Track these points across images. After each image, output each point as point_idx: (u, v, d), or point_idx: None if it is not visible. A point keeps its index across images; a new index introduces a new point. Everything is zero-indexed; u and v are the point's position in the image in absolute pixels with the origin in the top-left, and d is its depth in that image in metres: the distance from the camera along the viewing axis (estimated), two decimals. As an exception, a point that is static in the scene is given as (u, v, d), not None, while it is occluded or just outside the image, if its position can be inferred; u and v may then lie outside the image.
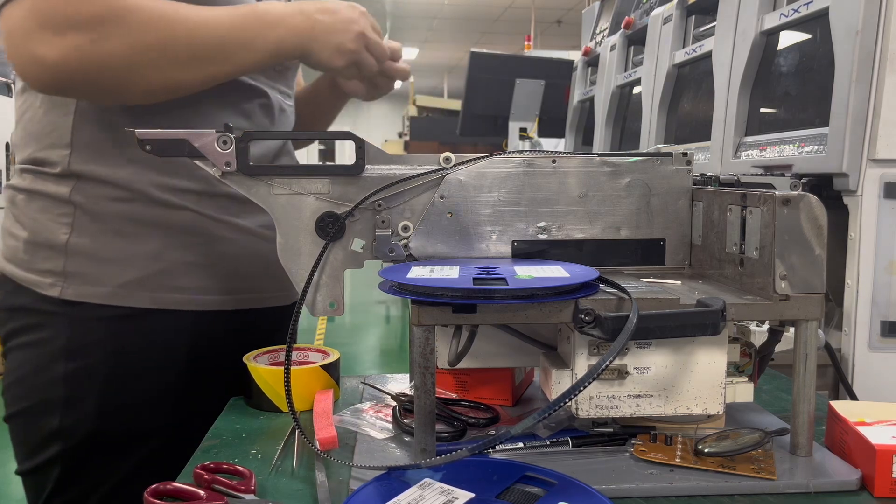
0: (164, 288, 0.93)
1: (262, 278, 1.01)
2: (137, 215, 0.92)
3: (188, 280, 0.94)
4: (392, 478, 0.63)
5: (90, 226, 0.91)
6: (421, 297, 0.65)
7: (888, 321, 1.52)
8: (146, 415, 0.94)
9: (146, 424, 0.94)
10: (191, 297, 0.95)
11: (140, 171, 0.91)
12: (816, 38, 1.71)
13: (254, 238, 0.99)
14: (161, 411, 0.94)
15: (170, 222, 0.93)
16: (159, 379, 0.94)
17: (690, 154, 0.83)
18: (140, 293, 0.92)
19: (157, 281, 0.92)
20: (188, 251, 0.94)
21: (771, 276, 0.68)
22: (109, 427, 0.92)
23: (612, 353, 0.60)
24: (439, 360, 0.73)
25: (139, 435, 0.93)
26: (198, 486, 0.66)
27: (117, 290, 0.91)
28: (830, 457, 0.70)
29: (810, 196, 0.68)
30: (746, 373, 0.77)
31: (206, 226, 0.95)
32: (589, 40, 3.53)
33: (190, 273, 0.94)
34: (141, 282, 0.92)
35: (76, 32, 0.78)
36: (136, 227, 0.92)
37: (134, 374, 0.92)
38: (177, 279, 0.93)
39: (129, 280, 0.91)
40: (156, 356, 0.94)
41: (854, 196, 1.52)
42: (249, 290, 1.00)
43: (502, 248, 0.81)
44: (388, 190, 0.79)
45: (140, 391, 0.93)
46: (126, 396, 0.92)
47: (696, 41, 2.35)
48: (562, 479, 0.63)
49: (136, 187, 0.91)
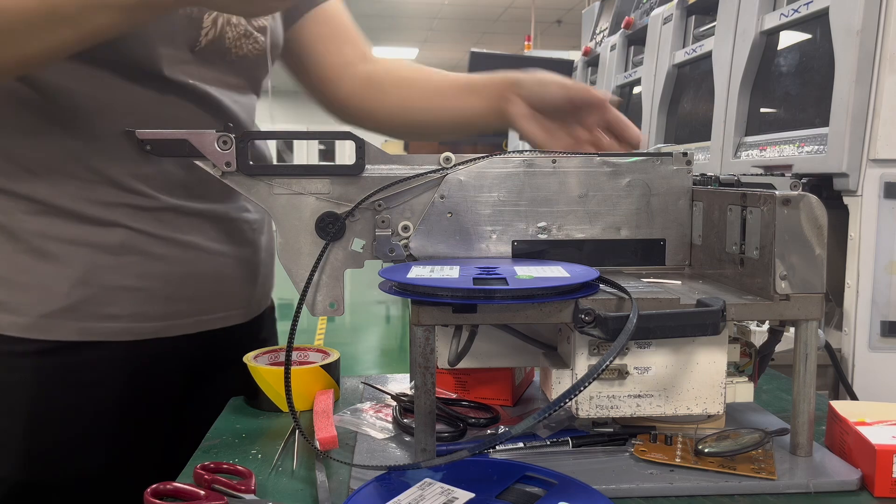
0: (93, 317, 0.82)
1: (209, 298, 0.91)
2: (58, 233, 0.81)
3: (121, 307, 0.84)
4: (392, 478, 0.63)
5: (4, 245, 0.81)
6: (421, 297, 0.65)
7: (888, 321, 1.52)
8: (80, 459, 0.84)
9: (81, 469, 0.84)
10: (124, 325, 0.84)
11: (57, 183, 0.81)
12: (816, 38, 1.71)
13: (201, 254, 0.89)
14: (96, 454, 0.85)
15: (98, 241, 0.82)
16: (93, 419, 0.84)
17: (690, 154, 0.83)
18: (65, 324, 0.81)
19: (84, 309, 0.82)
20: (120, 273, 0.83)
21: (771, 276, 0.68)
22: (39, 474, 0.83)
23: (612, 353, 0.60)
24: (439, 360, 0.73)
25: (74, 481, 0.84)
26: (198, 485, 0.66)
27: (38, 320, 0.81)
28: (830, 457, 0.70)
29: (810, 196, 0.68)
30: (746, 373, 0.77)
31: (141, 244, 0.84)
32: (589, 40, 3.53)
33: (123, 298, 0.84)
34: (66, 311, 0.81)
35: None
36: (58, 246, 0.81)
37: (62, 414, 0.83)
38: (107, 306, 0.83)
39: (54, 309, 0.81)
40: (87, 393, 0.83)
41: (854, 196, 1.52)
42: (195, 313, 0.90)
43: (502, 248, 0.81)
44: (388, 190, 0.79)
45: (71, 433, 0.83)
46: (55, 439, 0.83)
47: (696, 41, 2.35)
48: (562, 479, 0.63)
49: (53, 201, 0.81)
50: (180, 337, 0.89)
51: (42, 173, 0.81)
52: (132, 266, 0.84)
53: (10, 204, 0.81)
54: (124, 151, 0.82)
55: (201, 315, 0.91)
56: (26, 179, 0.81)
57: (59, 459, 0.83)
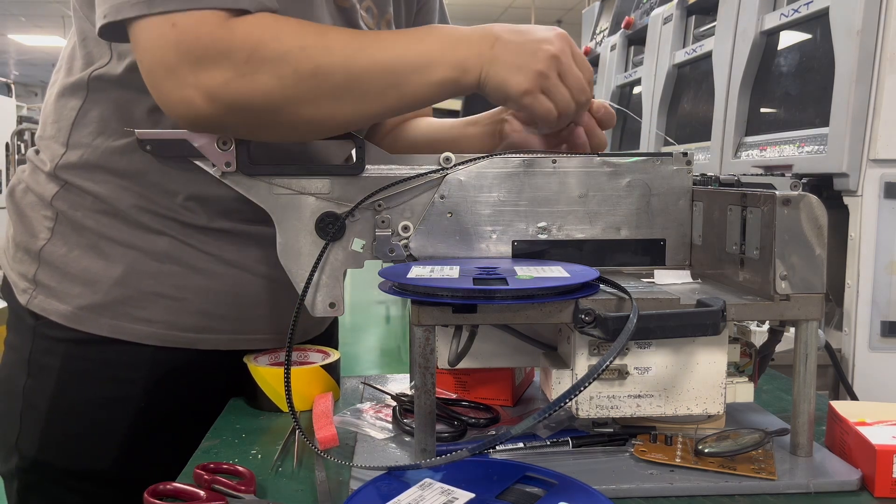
0: (126, 317, 0.85)
1: (247, 319, 0.90)
2: (113, 234, 0.85)
3: (155, 312, 0.85)
4: (392, 478, 0.63)
5: (70, 235, 0.86)
6: (421, 297, 0.65)
7: (888, 321, 1.52)
8: (87, 452, 0.86)
9: (86, 463, 0.86)
10: (155, 330, 0.86)
11: (123, 187, 0.84)
12: (816, 38, 1.71)
13: (244, 274, 0.88)
14: (104, 451, 0.86)
15: (143, 246, 0.85)
16: (111, 415, 0.86)
17: (690, 154, 0.83)
18: (100, 319, 0.84)
19: (119, 308, 0.85)
20: (158, 280, 0.85)
21: (771, 276, 0.68)
22: (54, 458, 0.86)
23: (612, 353, 0.60)
24: (439, 360, 0.73)
25: (77, 474, 0.86)
26: (198, 486, 0.66)
27: (77, 311, 0.84)
28: (830, 457, 0.70)
29: (810, 196, 0.68)
30: (747, 373, 0.77)
31: (185, 255, 0.86)
32: (589, 40, 3.53)
33: (157, 304, 0.85)
34: (102, 307, 0.84)
35: (221, 68, 0.70)
36: (110, 245, 0.85)
37: (79, 405, 0.85)
38: (141, 309, 0.85)
39: (92, 303, 0.84)
40: (106, 389, 0.86)
41: (854, 196, 1.52)
42: (229, 331, 0.90)
43: (502, 248, 0.81)
44: (388, 190, 0.79)
45: (83, 425, 0.86)
46: (67, 429, 0.86)
47: (697, 41, 2.35)
48: (562, 479, 0.63)
49: (115, 203, 0.85)
50: (214, 352, 0.89)
51: (111, 176, 0.84)
52: (172, 276, 0.86)
53: (80, 199, 0.86)
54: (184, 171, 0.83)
55: (237, 334, 0.90)
56: (98, 179, 0.85)
57: (73, 447, 0.86)
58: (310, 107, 0.73)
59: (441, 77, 0.74)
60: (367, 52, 0.73)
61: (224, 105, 0.71)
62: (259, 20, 0.72)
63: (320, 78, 0.72)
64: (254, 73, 0.70)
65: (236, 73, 0.70)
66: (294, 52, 0.71)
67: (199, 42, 0.70)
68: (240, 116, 0.73)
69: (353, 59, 0.72)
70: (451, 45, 0.74)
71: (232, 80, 0.70)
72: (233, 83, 0.70)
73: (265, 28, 0.72)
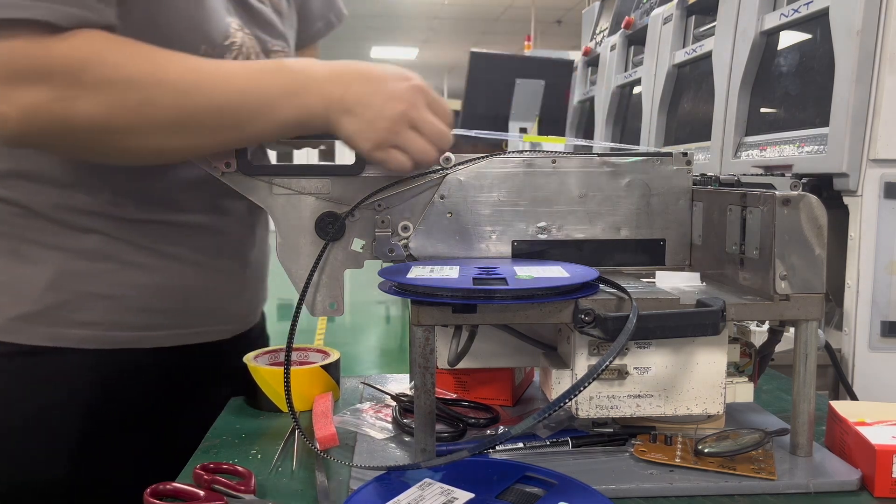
0: (64, 322, 0.80)
1: (189, 312, 0.87)
2: (34, 236, 0.80)
3: (93, 314, 0.81)
4: (392, 478, 0.63)
5: None
6: (421, 297, 0.65)
7: (888, 321, 1.52)
8: (41, 469, 0.81)
9: (42, 480, 0.81)
10: (96, 332, 0.82)
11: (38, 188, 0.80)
12: (816, 38, 1.71)
13: (182, 266, 0.86)
14: (59, 465, 0.82)
15: (72, 246, 0.80)
16: (61, 425, 0.82)
17: (690, 154, 0.83)
18: (36, 328, 0.80)
19: (56, 314, 0.80)
20: (93, 280, 0.81)
21: (771, 276, 0.68)
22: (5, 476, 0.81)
23: (612, 353, 0.60)
24: (439, 360, 0.73)
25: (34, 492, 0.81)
26: (197, 486, 0.66)
27: (9, 323, 0.79)
28: (830, 457, 0.70)
29: (810, 196, 0.68)
30: (746, 373, 0.77)
31: (117, 251, 0.82)
32: (589, 40, 3.53)
33: (95, 305, 0.81)
34: (37, 315, 0.80)
35: (39, 88, 0.67)
36: (33, 249, 0.80)
37: (25, 421, 0.81)
38: (79, 312, 0.81)
39: (24, 313, 0.79)
40: (52, 401, 0.81)
41: (854, 196, 1.52)
42: (172, 326, 0.86)
43: (502, 248, 0.81)
44: (388, 190, 0.79)
45: (38, 438, 0.81)
46: (16, 447, 0.81)
47: (696, 41, 2.35)
48: (562, 479, 0.63)
49: (32, 205, 0.80)
50: (160, 349, 0.86)
51: (24, 177, 0.80)
52: (106, 274, 0.82)
53: None
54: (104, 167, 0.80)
55: (179, 328, 0.87)
56: (9, 184, 0.80)
57: (26, 464, 0.81)
58: (138, 137, 0.71)
59: (284, 118, 0.73)
60: (203, 89, 0.71)
61: (41, 126, 0.69)
62: (84, 41, 0.69)
63: (148, 110, 0.69)
64: (75, 99, 0.68)
65: (56, 95, 0.67)
66: (120, 83, 0.68)
67: (13, 59, 0.67)
68: (59, 139, 0.71)
69: (187, 96, 0.70)
70: (295, 89, 0.73)
71: (52, 102, 0.67)
72: (53, 104, 0.67)
73: (91, 51, 0.68)
